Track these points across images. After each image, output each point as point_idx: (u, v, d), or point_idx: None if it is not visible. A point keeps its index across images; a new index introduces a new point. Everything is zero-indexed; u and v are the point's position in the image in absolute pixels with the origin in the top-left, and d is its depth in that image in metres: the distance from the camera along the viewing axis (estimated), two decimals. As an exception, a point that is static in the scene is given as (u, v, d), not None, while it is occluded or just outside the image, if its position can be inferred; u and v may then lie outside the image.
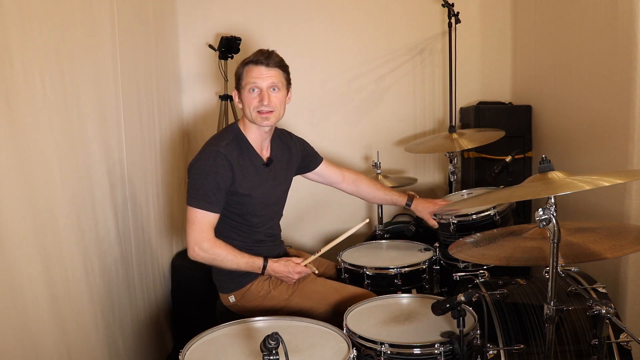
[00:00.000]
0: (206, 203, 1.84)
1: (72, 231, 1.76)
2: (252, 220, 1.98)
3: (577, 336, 1.61)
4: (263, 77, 1.87)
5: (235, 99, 1.97)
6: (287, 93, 1.97)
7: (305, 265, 1.96)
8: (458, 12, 2.95)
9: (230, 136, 1.95)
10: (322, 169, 2.28)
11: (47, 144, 1.62)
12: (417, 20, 3.23)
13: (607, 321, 1.42)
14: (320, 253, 2.00)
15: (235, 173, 1.89)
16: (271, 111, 1.89)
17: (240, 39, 2.88)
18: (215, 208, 1.86)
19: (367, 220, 2.00)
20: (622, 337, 1.57)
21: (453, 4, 2.93)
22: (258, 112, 1.88)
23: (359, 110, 3.30)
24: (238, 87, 1.94)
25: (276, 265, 1.92)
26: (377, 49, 3.25)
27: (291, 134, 2.20)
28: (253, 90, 1.88)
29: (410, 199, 2.29)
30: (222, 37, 2.85)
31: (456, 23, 2.95)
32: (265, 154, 2.03)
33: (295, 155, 2.17)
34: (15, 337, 1.45)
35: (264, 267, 1.91)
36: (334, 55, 3.24)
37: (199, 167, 1.87)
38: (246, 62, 1.90)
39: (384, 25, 3.23)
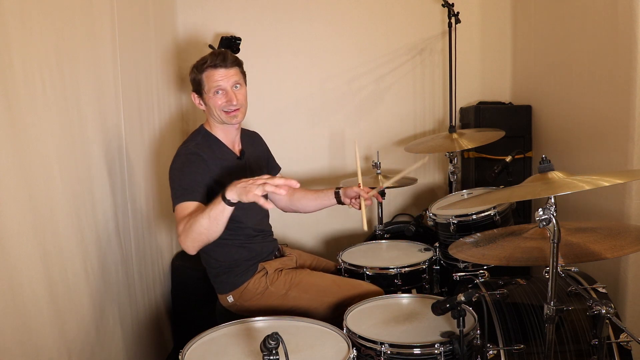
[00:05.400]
0: (187, 194, 1.83)
1: (72, 231, 1.76)
2: (238, 214, 1.91)
3: (577, 336, 1.61)
4: (225, 78, 1.92)
5: (195, 101, 2.01)
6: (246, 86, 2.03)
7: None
8: (458, 12, 2.95)
9: (198, 137, 2.00)
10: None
11: (47, 144, 1.62)
12: (417, 20, 3.23)
13: (607, 321, 1.43)
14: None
15: (210, 166, 1.91)
16: (238, 108, 1.96)
17: (240, 39, 2.88)
18: (196, 196, 1.83)
19: (427, 159, 2.11)
20: (622, 337, 1.57)
21: (453, 4, 2.93)
22: (225, 111, 1.94)
23: (359, 110, 3.30)
24: (199, 91, 1.98)
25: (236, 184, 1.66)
26: (377, 49, 3.25)
27: (257, 134, 2.25)
28: (218, 92, 1.93)
29: (337, 189, 2.22)
30: (222, 37, 2.85)
31: (456, 23, 2.95)
32: (237, 148, 2.08)
33: (263, 153, 2.24)
34: (15, 337, 1.44)
35: (223, 195, 1.66)
36: (334, 55, 3.23)
37: (173, 168, 1.91)
38: (204, 68, 1.93)
39: (384, 25, 3.23)
